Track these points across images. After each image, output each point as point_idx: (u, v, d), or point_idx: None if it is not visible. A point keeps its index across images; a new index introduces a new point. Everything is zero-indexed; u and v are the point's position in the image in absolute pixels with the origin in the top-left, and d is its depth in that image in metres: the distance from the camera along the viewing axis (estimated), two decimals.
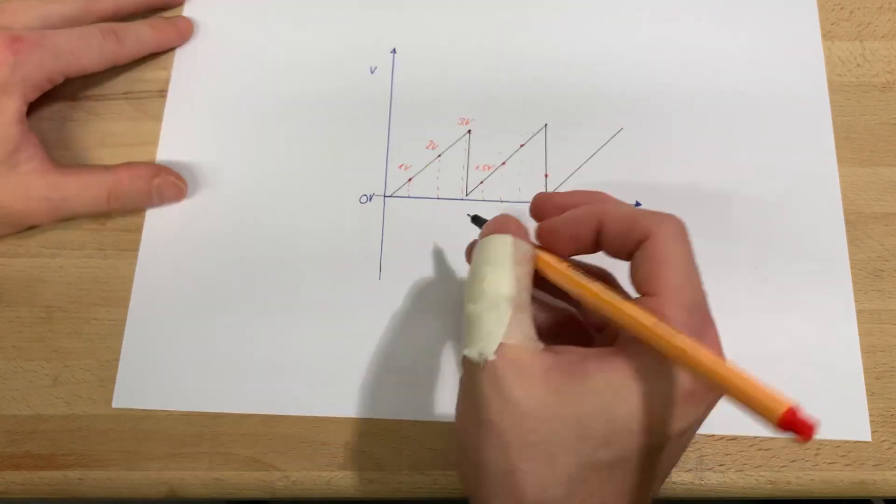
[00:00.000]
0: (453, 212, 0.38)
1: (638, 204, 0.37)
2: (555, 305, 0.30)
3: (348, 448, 0.34)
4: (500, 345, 0.25)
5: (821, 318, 0.36)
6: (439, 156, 0.39)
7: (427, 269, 0.37)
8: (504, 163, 0.38)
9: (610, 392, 0.25)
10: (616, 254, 0.28)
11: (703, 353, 0.22)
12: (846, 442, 0.34)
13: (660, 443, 0.25)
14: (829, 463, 0.34)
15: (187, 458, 0.34)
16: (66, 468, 0.34)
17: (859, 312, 0.36)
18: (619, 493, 0.26)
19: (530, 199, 0.33)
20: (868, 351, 0.35)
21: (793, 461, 0.34)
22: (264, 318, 0.36)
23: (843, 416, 0.34)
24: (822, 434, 0.34)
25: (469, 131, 0.39)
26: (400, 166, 0.38)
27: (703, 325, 0.26)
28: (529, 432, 0.25)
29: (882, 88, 0.40)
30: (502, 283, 0.26)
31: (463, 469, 0.27)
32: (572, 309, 0.31)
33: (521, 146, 0.39)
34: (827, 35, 0.41)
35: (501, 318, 0.26)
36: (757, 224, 0.37)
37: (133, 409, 0.35)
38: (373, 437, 0.35)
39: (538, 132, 0.39)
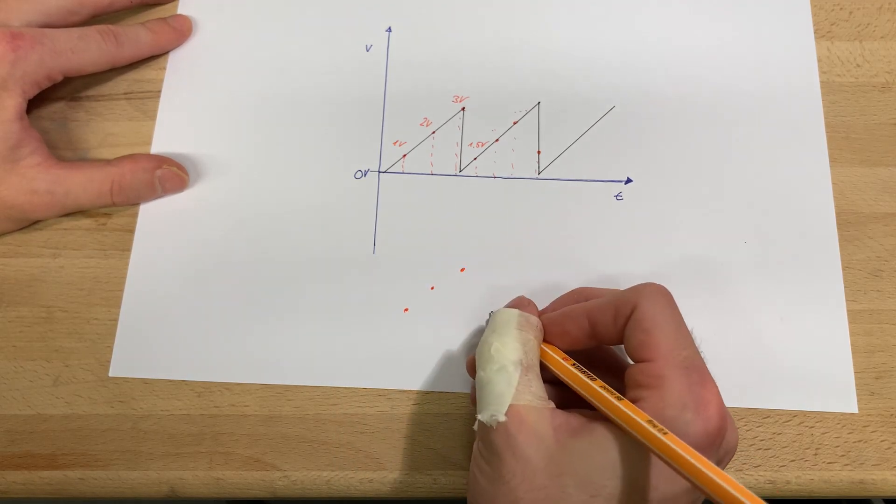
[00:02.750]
0: (447, 188, 0.38)
1: (629, 181, 0.38)
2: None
3: (348, 448, 0.34)
4: (511, 406, 0.27)
5: (811, 304, 0.36)
6: (433, 132, 0.39)
7: (420, 244, 0.37)
8: (497, 140, 0.39)
9: (615, 449, 0.26)
10: (611, 340, 0.29)
11: (687, 457, 0.23)
12: (846, 442, 0.34)
13: (664, 501, 0.26)
14: (829, 463, 0.34)
15: (187, 458, 0.34)
16: (67, 468, 0.34)
17: (858, 312, 0.36)
18: None
19: (523, 175, 0.38)
20: (868, 351, 0.35)
21: (792, 461, 0.34)
22: (260, 291, 0.37)
23: (830, 389, 0.35)
24: (810, 406, 0.34)
25: (463, 108, 0.39)
26: (395, 143, 0.39)
27: (700, 382, 0.26)
28: (539, 488, 0.26)
29: (881, 89, 0.40)
30: (507, 348, 0.29)
31: None
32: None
33: (515, 123, 0.39)
34: (826, 35, 0.41)
35: (510, 380, 0.28)
36: (747, 218, 0.37)
37: (133, 410, 0.35)
38: (373, 437, 0.35)
39: (531, 110, 0.39)
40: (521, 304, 0.32)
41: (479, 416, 0.28)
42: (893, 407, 0.35)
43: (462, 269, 0.37)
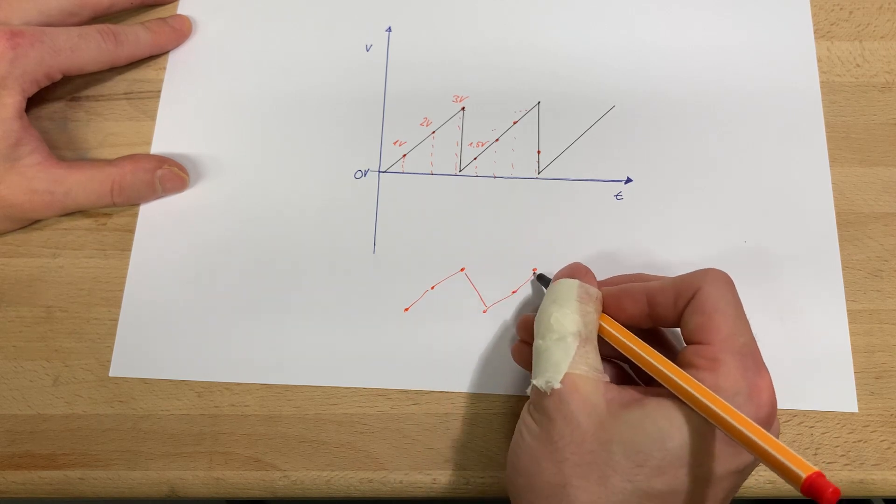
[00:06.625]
0: (447, 187, 0.38)
1: (629, 181, 0.38)
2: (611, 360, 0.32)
3: (348, 448, 0.34)
4: (566, 374, 0.27)
5: (811, 304, 0.36)
6: (433, 132, 0.39)
7: (420, 244, 0.37)
8: (497, 139, 0.39)
9: (665, 421, 0.26)
10: (668, 322, 0.29)
11: (737, 418, 0.24)
12: (846, 442, 0.34)
13: (708, 479, 0.26)
14: (829, 463, 0.34)
15: (187, 458, 0.34)
16: (67, 468, 0.34)
17: (858, 312, 0.36)
18: None
19: (523, 175, 0.38)
20: (868, 351, 0.35)
21: None
22: (260, 291, 0.37)
23: (830, 390, 0.35)
24: (810, 406, 0.35)
25: (463, 108, 0.40)
26: (395, 142, 0.39)
27: (755, 369, 0.27)
28: (587, 452, 0.26)
29: (881, 89, 0.40)
30: (567, 319, 0.29)
31: (514, 481, 0.29)
32: (625, 366, 0.32)
33: (515, 123, 0.39)
34: (826, 35, 0.41)
35: (567, 350, 0.28)
36: (747, 218, 0.37)
37: (133, 410, 0.35)
38: (373, 437, 0.35)
39: (531, 109, 0.39)
40: (578, 271, 0.32)
41: (535, 381, 0.28)
42: (893, 407, 0.35)
43: (462, 269, 0.37)
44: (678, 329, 0.29)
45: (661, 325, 0.30)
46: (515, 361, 0.34)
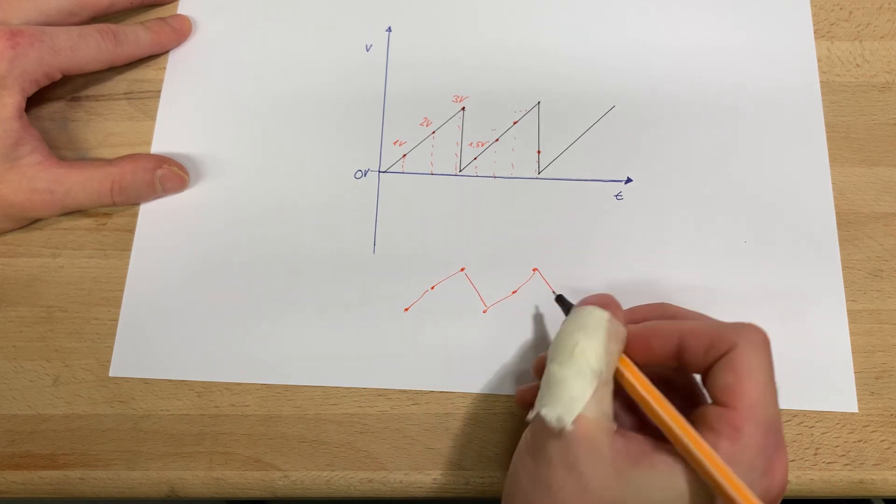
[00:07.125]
0: (447, 187, 0.38)
1: (629, 181, 0.38)
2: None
3: (348, 448, 0.34)
4: (579, 416, 0.26)
5: (811, 305, 0.36)
6: (433, 132, 0.39)
7: (420, 244, 0.37)
8: (497, 139, 0.39)
9: (672, 490, 0.25)
10: (694, 369, 0.28)
11: (750, 500, 0.23)
12: (846, 442, 0.34)
13: None
14: (829, 463, 0.34)
15: (187, 458, 0.34)
16: (67, 468, 0.34)
17: (858, 312, 0.36)
18: None
19: (523, 175, 0.38)
20: (868, 351, 0.35)
21: (792, 461, 0.34)
22: (260, 291, 0.37)
23: (830, 390, 0.35)
24: (810, 406, 0.34)
25: (463, 108, 0.40)
26: (395, 142, 0.39)
27: (775, 445, 0.26)
28: None
29: (881, 89, 0.40)
30: (593, 354, 0.27)
31: None
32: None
33: (515, 123, 0.39)
34: (826, 35, 0.41)
35: (586, 388, 0.26)
36: (747, 218, 0.37)
37: (133, 410, 0.35)
38: (373, 437, 0.35)
39: (531, 109, 0.39)
40: (607, 304, 0.29)
41: (543, 412, 0.26)
42: (893, 407, 0.35)
43: (462, 269, 0.37)
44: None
45: (686, 370, 0.28)
46: (517, 404, 0.33)
